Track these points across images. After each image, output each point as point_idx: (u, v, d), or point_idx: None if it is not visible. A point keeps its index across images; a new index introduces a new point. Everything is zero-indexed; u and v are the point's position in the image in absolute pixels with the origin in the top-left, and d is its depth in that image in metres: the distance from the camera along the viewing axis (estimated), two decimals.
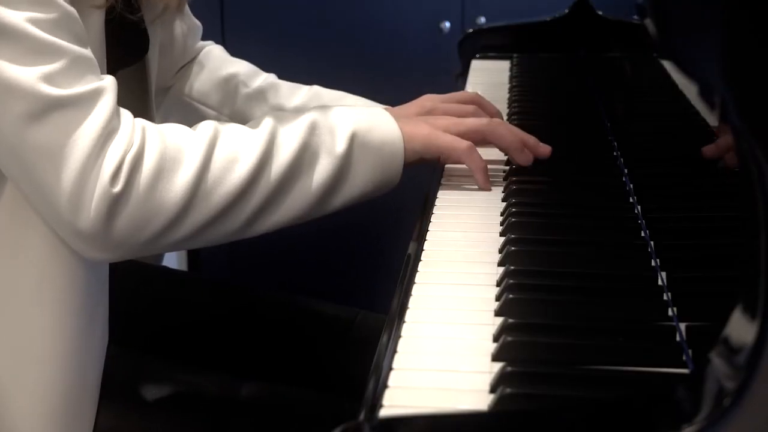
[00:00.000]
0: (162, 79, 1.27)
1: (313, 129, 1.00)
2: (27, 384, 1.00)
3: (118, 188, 0.91)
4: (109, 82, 0.94)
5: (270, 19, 2.20)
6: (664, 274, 0.84)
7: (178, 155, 0.94)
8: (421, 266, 0.89)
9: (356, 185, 1.02)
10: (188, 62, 1.33)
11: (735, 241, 0.79)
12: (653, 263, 0.87)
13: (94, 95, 0.92)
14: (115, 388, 1.07)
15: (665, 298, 0.80)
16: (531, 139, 1.10)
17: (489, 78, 1.61)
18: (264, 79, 1.31)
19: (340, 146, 1.00)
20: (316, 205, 1.01)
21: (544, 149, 1.10)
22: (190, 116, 1.29)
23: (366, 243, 2.28)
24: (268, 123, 1.00)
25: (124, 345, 1.13)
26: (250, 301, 1.29)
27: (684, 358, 0.71)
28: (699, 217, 0.93)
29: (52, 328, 0.99)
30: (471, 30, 1.80)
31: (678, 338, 0.74)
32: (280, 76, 1.34)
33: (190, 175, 0.93)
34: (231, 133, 0.98)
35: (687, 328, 0.75)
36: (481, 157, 1.07)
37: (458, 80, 1.66)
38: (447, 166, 1.14)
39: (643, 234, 0.93)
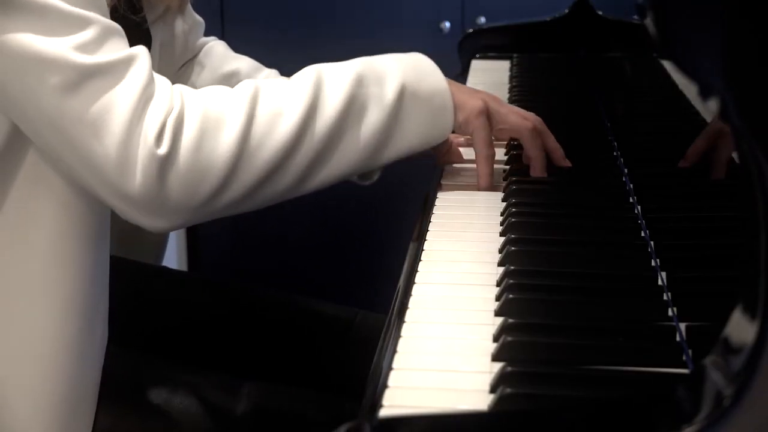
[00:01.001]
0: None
1: (360, 80, 1.00)
2: (27, 383, 1.00)
3: (164, 150, 0.90)
4: (142, 50, 0.94)
5: (269, 19, 2.20)
6: (664, 274, 0.84)
7: (221, 115, 0.93)
8: (421, 266, 0.89)
9: (407, 137, 1.01)
10: (190, 59, 1.33)
11: (735, 241, 0.79)
12: (653, 263, 0.87)
13: (128, 61, 0.91)
14: (115, 388, 1.07)
15: (665, 298, 0.80)
16: (559, 152, 1.10)
17: (489, 78, 1.61)
18: (265, 76, 1.31)
19: (390, 96, 1.00)
20: (367, 158, 1.00)
21: (566, 164, 1.10)
22: None
23: (366, 243, 2.28)
24: (311, 76, 0.99)
25: (124, 345, 1.13)
26: (250, 301, 1.29)
27: (684, 358, 0.71)
28: (699, 217, 0.93)
29: (52, 328, 0.99)
30: (471, 30, 1.80)
31: (678, 338, 0.74)
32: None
33: (236, 133, 0.93)
34: (272, 88, 0.97)
35: (687, 328, 0.75)
36: (492, 173, 1.08)
37: (458, 80, 1.66)
38: (447, 166, 1.14)
39: (643, 234, 0.93)
